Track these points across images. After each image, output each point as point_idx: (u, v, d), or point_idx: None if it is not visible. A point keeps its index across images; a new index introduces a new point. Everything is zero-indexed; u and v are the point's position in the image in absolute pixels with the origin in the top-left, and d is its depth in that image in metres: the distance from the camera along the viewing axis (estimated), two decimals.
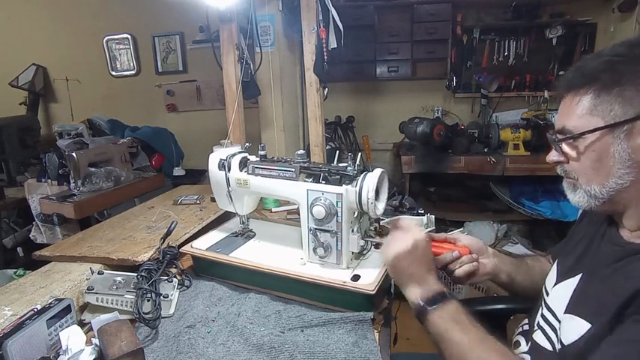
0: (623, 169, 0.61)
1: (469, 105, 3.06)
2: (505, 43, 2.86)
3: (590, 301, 0.65)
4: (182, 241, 1.20)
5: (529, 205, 2.55)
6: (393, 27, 2.89)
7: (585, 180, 0.66)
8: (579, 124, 0.64)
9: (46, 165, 2.17)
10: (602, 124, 0.61)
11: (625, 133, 0.60)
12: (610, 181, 0.62)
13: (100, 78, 3.59)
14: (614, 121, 0.60)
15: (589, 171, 0.65)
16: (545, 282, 0.82)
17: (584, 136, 0.63)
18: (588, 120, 0.63)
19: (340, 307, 0.89)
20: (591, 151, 0.63)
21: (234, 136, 1.63)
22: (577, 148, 0.65)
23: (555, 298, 0.74)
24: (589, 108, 0.62)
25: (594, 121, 0.62)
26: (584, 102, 0.63)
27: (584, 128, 0.63)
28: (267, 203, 1.54)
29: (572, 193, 0.69)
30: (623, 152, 0.60)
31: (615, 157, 0.61)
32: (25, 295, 0.94)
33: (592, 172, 0.65)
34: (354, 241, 0.93)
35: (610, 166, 0.62)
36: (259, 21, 1.94)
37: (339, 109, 3.15)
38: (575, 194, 0.68)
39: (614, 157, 0.61)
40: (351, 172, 0.91)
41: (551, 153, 0.70)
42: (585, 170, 0.65)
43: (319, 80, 1.74)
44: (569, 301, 0.69)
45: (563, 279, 0.74)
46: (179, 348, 0.82)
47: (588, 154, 0.64)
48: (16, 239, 2.41)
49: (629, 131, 0.60)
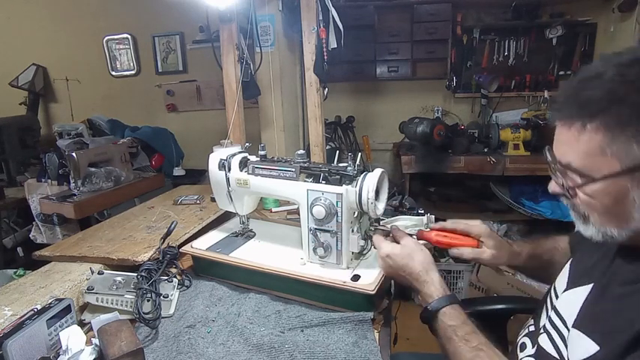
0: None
1: (469, 105, 3.06)
2: (505, 43, 2.86)
3: (600, 320, 0.61)
4: (182, 241, 1.20)
5: (529, 205, 2.55)
6: (393, 27, 2.89)
7: (599, 221, 0.59)
8: (589, 165, 0.55)
9: (46, 165, 2.17)
10: (619, 167, 0.53)
11: None
12: (630, 224, 0.56)
13: (100, 78, 3.59)
14: (633, 164, 0.52)
15: (603, 214, 0.58)
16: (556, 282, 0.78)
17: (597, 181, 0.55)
18: (600, 161, 0.54)
19: (340, 307, 0.89)
20: (605, 195, 0.56)
21: (234, 136, 1.63)
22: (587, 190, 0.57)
23: (565, 305, 0.71)
24: (600, 147, 0.53)
25: (608, 163, 0.53)
26: (593, 139, 0.54)
27: (596, 171, 0.55)
28: (267, 203, 1.54)
29: (582, 225, 0.62)
30: None
31: (635, 201, 0.54)
32: (25, 295, 0.94)
33: (607, 216, 0.58)
34: (354, 241, 0.93)
35: (629, 211, 0.55)
36: (259, 21, 1.94)
37: (339, 109, 3.15)
38: (587, 228, 0.61)
39: (635, 202, 0.54)
40: (351, 172, 0.91)
41: (551, 184, 0.64)
42: (598, 212, 0.58)
43: (319, 80, 1.74)
44: (578, 315, 0.65)
45: (575, 286, 0.70)
46: (179, 348, 0.82)
47: (602, 198, 0.56)
48: (16, 239, 2.41)
49: None
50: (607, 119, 0.52)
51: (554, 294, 0.78)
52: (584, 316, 0.64)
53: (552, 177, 0.64)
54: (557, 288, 0.77)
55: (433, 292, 0.77)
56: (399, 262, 0.82)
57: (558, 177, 0.62)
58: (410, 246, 0.83)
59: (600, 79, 0.54)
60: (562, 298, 0.73)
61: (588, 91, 0.54)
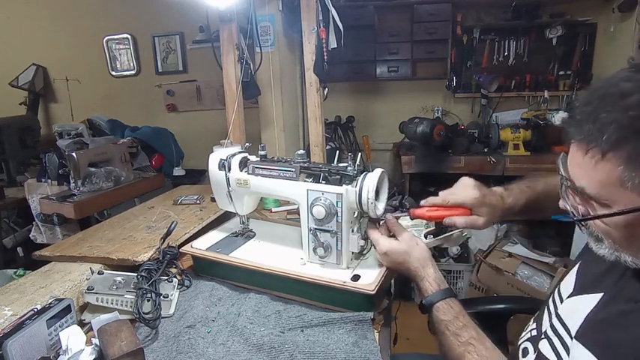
0: None
1: (469, 105, 3.06)
2: (505, 43, 2.86)
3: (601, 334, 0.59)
4: (182, 241, 1.20)
5: None
6: (393, 27, 2.89)
7: (613, 246, 0.56)
8: (605, 195, 0.52)
9: (46, 165, 2.17)
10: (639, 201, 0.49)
11: None
12: None
13: (100, 78, 3.60)
14: None
15: (619, 242, 0.55)
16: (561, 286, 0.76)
17: None
18: (619, 193, 0.51)
19: (340, 307, 0.89)
20: (622, 227, 0.53)
21: (234, 136, 1.63)
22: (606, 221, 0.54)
23: (569, 312, 0.68)
24: (620, 179, 0.50)
25: (628, 196, 0.50)
26: (612, 170, 0.50)
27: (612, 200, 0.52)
28: (267, 203, 1.54)
29: (595, 244, 0.60)
30: None
31: None
32: (25, 295, 0.94)
33: (623, 244, 0.55)
34: (354, 241, 0.93)
35: None
36: (259, 21, 1.94)
37: (339, 109, 3.15)
38: (600, 248, 0.59)
39: None
40: (351, 172, 0.91)
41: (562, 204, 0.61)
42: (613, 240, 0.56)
43: (319, 80, 1.73)
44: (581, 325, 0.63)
45: (582, 292, 0.67)
46: (179, 348, 0.82)
47: (619, 229, 0.53)
48: (16, 239, 2.41)
49: None
50: (629, 150, 0.48)
51: (558, 297, 0.75)
52: (586, 327, 0.62)
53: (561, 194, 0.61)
54: (562, 292, 0.74)
55: (428, 287, 0.80)
56: (398, 259, 0.85)
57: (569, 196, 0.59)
58: (407, 242, 0.86)
59: (623, 100, 0.49)
60: (566, 304, 0.70)
61: (609, 113, 0.49)
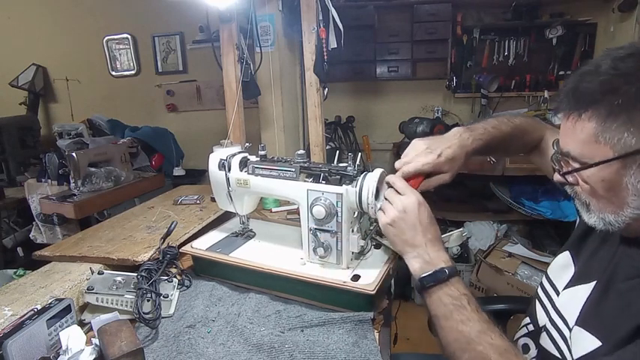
0: (638, 200, 0.56)
1: (469, 105, 3.06)
2: (505, 43, 2.86)
3: (603, 317, 0.62)
4: (182, 241, 1.20)
5: (529, 205, 2.55)
6: (393, 27, 2.89)
7: (597, 207, 0.62)
8: (585, 153, 0.58)
9: (46, 165, 2.17)
10: (612, 154, 0.56)
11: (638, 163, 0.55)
12: (625, 211, 0.58)
13: (100, 78, 3.59)
14: (625, 151, 0.55)
15: (600, 200, 0.60)
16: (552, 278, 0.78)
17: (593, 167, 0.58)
18: (595, 149, 0.57)
19: (340, 307, 0.89)
20: (601, 182, 0.58)
21: (234, 136, 1.63)
22: (585, 178, 0.60)
23: (566, 303, 0.71)
24: (594, 135, 0.57)
25: (602, 150, 0.56)
26: (588, 127, 0.57)
27: (591, 157, 0.58)
28: (267, 203, 1.54)
29: (586, 214, 0.65)
30: (637, 183, 0.56)
31: (629, 188, 0.56)
32: (25, 295, 0.94)
33: (603, 202, 0.60)
34: (354, 241, 0.93)
35: (624, 196, 0.57)
36: (259, 21, 1.94)
37: (339, 109, 3.15)
38: (590, 216, 0.64)
39: (628, 189, 0.56)
40: (351, 172, 0.91)
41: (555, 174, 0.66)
42: (596, 198, 0.61)
43: (319, 80, 1.73)
44: (581, 313, 0.66)
45: (577, 283, 0.70)
46: (179, 348, 0.82)
47: (598, 184, 0.59)
48: (16, 239, 2.41)
49: None
50: (600, 109, 0.56)
51: (553, 291, 0.77)
52: (587, 313, 0.65)
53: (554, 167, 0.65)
54: (556, 285, 0.77)
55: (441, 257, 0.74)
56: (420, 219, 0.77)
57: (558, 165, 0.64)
58: None
59: (596, 72, 0.57)
60: (563, 296, 0.73)
61: (585, 83, 0.58)
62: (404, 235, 0.77)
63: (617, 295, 0.61)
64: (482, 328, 0.64)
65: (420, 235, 0.75)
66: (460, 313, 0.67)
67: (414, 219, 0.76)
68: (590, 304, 0.65)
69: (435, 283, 0.71)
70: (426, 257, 0.74)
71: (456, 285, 0.70)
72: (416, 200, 0.77)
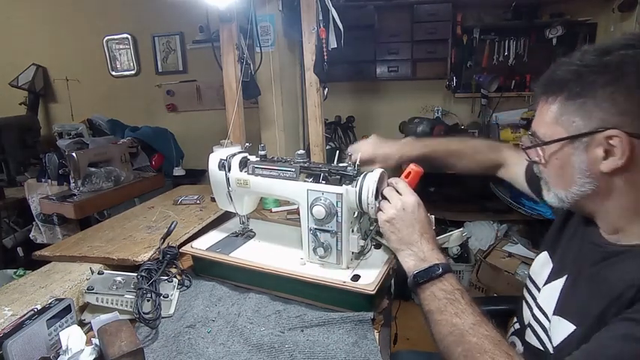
0: (583, 179, 0.63)
1: (469, 105, 3.06)
2: (505, 43, 2.85)
3: (575, 302, 0.67)
4: (182, 241, 1.20)
5: (529, 205, 2.54)
6: (393, 27, 2.88)
7: (552, 184, 0.69)
8: (547, 132, 0.66)
9: (46, 165, 2.17)
10: (565, 134, 0.63)
11: (584, 145, 0.61)
12: (573, 188, 0.65)
13: (100, 78, 3.59)
14: (574, 133, 0.62)
15: (554, 177, 0.68)
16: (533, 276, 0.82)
17: (550, 145, 0.66)
18: (554, 129, 0.64)
19: (340, 307, 0.89)
20: (555, 159, 0.66)
21: (234, 136, 1.63)
22: (544, 154, 0.68)
23: (546, 298, 0.75)
24: (555, 117, 0.64)
25: (558, 130, 0.64)
26: (552, 110, 0.64)
27: (550, 137, 0.65)
28: (267, 203, 1.54)
29: (546, 192, 0.72)
30: (582, 163, 0.62)
31: (575, 167, 0.63)
32: (25, 295, 0.94)
33: (556, 178, 0.68)
34: (354, 241, 0.93)
35: (571, 174, 0.64)
36: (259, 21, 1.94)
37: (339, 109, 3.15)
38: (549, 194, 0.71)
39: (574, 167, 0.63)
40: (351, 172, 0.91)
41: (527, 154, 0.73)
42: (551, 175, 0.69)
43: (319, 80, 1.73)
44: (557, 302, 0.71)
45: (555, 278, 0.75)
46: (179, 348, 0.82)
47: (553, 162, 0.67)
48: (16, 239, 2.41)
49: (587, 144, 0.61)
50: (564, 94, 0.63)
51: (535, 289, 0.81)
52: (562, 302, 0.70)
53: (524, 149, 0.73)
54: (537, 283, 0.81)
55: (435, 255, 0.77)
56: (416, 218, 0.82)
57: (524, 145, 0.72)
58: None
59: (568, 63, 0.63)
60: (543, 292, 0.77)
61: (557, 72, 0.64)
62: (400, 232, 0.80)
63: (587, 281, 0.66)
64: (476, 321, 0.65)
65: (417, 234, 0.79)
66: (454, 306, 0.68)
67: (411, 218, 0.80)
68: (565, 294, 0.70)
69: (429, 279, 0.73)
70: (420, 255, 0.77)
71: (450, 280, 0.72)
72: (415, 200, 0.81)
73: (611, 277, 0.61)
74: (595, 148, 0.60)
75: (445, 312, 0.68)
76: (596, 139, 0.60)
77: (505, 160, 1.05)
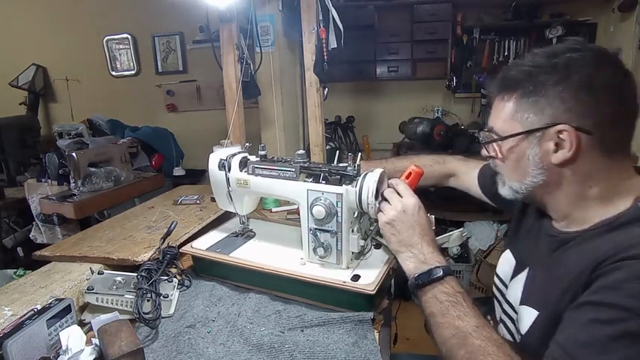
0: (536, 170, 0.68)
1: (469, 105, 3.06)
2: (505, 43, 2.86)
3: (537, 291, 0.71)
4: (182, 241, 1.20)
5: None
6: (393, 27, 2.89)
7: (508, 177, 0.74)
8: (504, 128, 0.70)
9: (46, 165, 2.17)
10: (521, 129, 0.68)
11: (537, 140, 0.66)
12: (527, 179, 0.70)
13: (100, 78, 3.59)
14: (528, 128, 0.67)
15: (510, 170, 0.73)
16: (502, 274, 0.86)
17: (507, 140, 0.70)
18: (511, 125, 0.69)
19: (340, 307, 0.89)
20: (512, 153, 0.71)
21: (234, 136, 1.63)
22: (501, 149, 0.72)
23: (512, 292, 0.79)
24: (511, 114, 0.69)
25: (515, 126, 0.69)
26: (508, 107, 0.69)
27: (507, 132, 0.70)
28: (267, 203, 1.54)
29: (501, 186, 0.77)
30: (535, 156, 0.67)
31: (530, 159, 0.68)
32: (25, 295, 0.94)
33: (513, 171, 0.72)
34: (354, 241, 0.93)
35: (525, 166, 0.69)
36: (259, 21, 1.94)
37: (339, 109, 3.15)
38: (503, 188, 0.76)
39: (529, 160, 0.68)
40: (351, 172, 0.91)
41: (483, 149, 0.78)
42: (507, 168, 0.73)
43: (319, 80, 1.73)
44: (522, 293, 0.75)
45: (518, 273, 0.80)
46: (179, 348, 0.82)
47: (509, 156, 0.71)
48: (16, 239, 2.41)
49: (540, 138, 0.66)
50: (518, 92, 0.68)
51: (503, 286, 0.85)
52: (526, 292, 0.75)
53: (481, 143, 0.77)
54: (504, 280, 0.85)
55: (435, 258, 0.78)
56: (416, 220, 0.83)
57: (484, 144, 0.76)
58: None
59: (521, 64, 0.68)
60: (510, 288, 0.81)
61: (512, 72, 0.69)
62: (401, 234, 0.81)
63: (545, 269, 0.71)
64: (478, 323, 0.66)
65: (417, 236, 0.80)
66: (456, 309, 0.68)
67: (412, 220, 0.81)
68: (528, 284, 0.75)
69: (430, 281, 0.73)
70: (420, 257, 0.78)
71: (451, 283, 0.73)
72: (416, 203, 0.82)
73: (567, 262, 0.66)
74: (547, 142, 0.65)
75: (447, 315, 0.68)
76: (547, 134, 0.65)
77: (452, 171, 1.13)
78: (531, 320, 0.69)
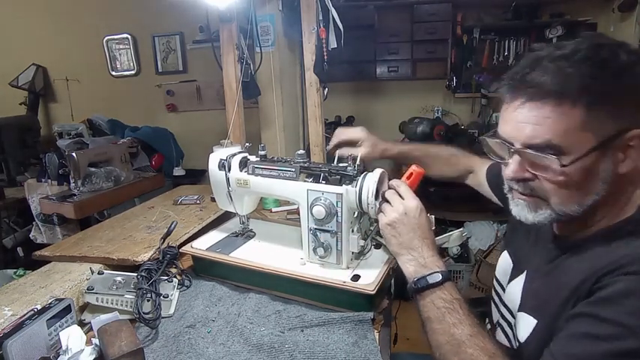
0: (603, 186, 0.59)
1: (469, 105, 3.06)
2: (505, 43, 2.86)
3: (535, 298, 0.69)
4: (182, 241, 1.20)
5: None
6: (393, 27, 2.89)
7: (559, 200, 0.61)
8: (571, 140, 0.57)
9: (46, 165, 2.17)
10: (595, 141, 0.56)
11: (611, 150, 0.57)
12: (587, 198, 0.60)
13: (100, 78, 3.59)
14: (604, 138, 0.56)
15: (569, 192, 0.60)
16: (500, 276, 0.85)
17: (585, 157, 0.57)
18: (581, 137, 0.56)
19: (340, 307, 0.89)
20: (580, 172, 0.58)
21: (234, 136, 1.63)
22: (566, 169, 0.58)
23: (510, 296, 0.78)
24: (582, 123, 0.56)
25: (586, 137, 0.56)
26: (577, 115, 0.56)
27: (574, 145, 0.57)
28: (267, 203, 1.54)
29: (530, 212, 0.65)
30: (607, 170, 0.58)
31: (600, 174, 0.58)
32: (25, 295, 0.94)
33: (572, 193, 0.60)
34: (354, 241, 0.93)
35: (593, 184, 0.59)
36: (259, 21, 1.94)
37: (339, 109, 3.15)
38: (537, 214, 0.64)
39: (599, 174, 0.58)
40: (351, 172, 0.91)
41: (514, 169, 0.63)
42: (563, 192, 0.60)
43: (319, 80, 1.73)
44: (521, 299, 0.73)
45: (516, 276, 0.78)
46: (179, 348, 0.82)
47: (577, 174, 0.58)
48: (16, 239, 2.41)
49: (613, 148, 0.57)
50: (589, 98, 0.55)
51: (501, 289, 0.84)
52: (523, 299, 0.72)
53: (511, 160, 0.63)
54: (502, 283, 0.83)
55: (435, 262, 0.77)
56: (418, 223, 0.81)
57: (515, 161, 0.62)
58: None
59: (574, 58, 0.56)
60: (508, 290, 0.80)
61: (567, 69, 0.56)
62: (401, 237, 0.80)
63: (545, 276, 0.68)
64: (473, 332, 0.65)
65: (418, 239, 0.78)
66: (452, 316, 0.68)
67: (413, 222, 0.80)
68: (526, 290, 0.73)
69: (429, 286, 0.73)
70: (421, 260, 0.77)
71: (449, 289, 0.72)
72: (418, 205, 0.81)
73: (568, 270, 0.63)
74: (618, 151, 0.58)
75: (443, 321, 0.68)
76: (621, 141, 0.57)
77: (473, 167, 1.09)
78: (530, 329, 0.67)
